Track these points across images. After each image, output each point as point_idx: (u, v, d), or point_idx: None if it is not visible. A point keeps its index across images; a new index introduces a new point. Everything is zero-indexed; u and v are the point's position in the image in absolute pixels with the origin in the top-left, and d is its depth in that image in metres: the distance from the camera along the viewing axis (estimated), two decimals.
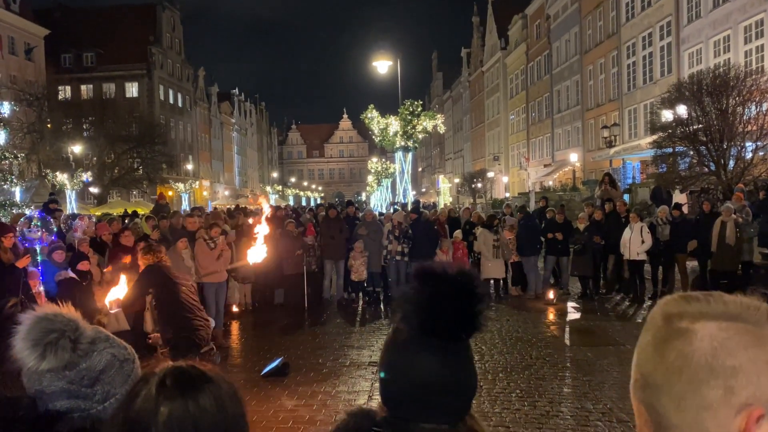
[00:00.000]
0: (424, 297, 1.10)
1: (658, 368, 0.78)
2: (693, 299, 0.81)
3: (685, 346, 0.76)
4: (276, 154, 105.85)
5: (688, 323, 0.77)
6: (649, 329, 0.83)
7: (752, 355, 0.75)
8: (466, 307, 1.09)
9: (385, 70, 22.64)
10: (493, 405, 6.08)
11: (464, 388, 1.12)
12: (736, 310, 0.79)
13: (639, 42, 29.54)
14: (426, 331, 1.09)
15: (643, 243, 11.19)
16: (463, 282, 1.11)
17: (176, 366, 1.06)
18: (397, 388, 1.11)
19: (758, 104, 13.87)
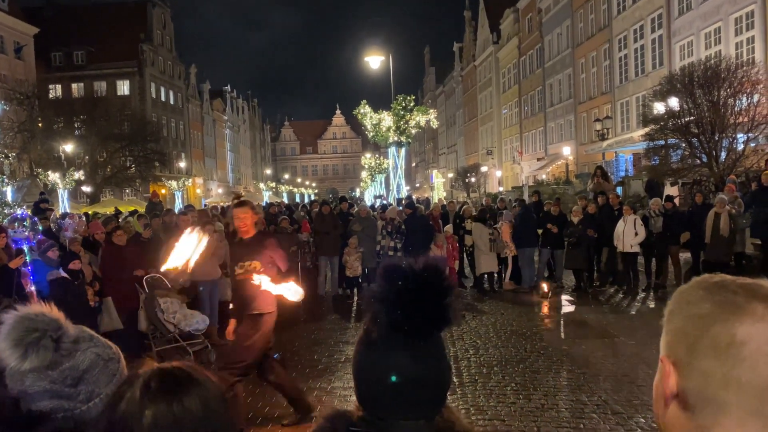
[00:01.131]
0: (390, 295, 1.09)
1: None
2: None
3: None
4: (269, 150, 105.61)
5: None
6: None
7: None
8: (432, 303, 1.09)
9: (377, 66, 22.62)
10: (488, 399, 6.09)
11: (438, 382, 1.11)
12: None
13: (630, 35, 29.58)
14: (394, 328, 1.09)
15: (636, 235, 11.23)
16: (429, 277, 1.10)
17: (162, 368, 1.05)
18: (370, 387, 1.12)
19: (749, 96, 13.92)
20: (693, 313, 0.83)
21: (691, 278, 0.90)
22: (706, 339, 0.80)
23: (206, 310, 8.52)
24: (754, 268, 11.58)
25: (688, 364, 0.82)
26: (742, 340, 0.78)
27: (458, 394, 6.23)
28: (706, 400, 0.80)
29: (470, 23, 59.80)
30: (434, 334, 1.12)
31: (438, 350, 1.13)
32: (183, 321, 7.49)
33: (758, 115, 13.59)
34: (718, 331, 0.79)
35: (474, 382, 6.63)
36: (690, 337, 0.82)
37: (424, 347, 1.10)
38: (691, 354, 0.81)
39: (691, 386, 0.81)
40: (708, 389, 0.80)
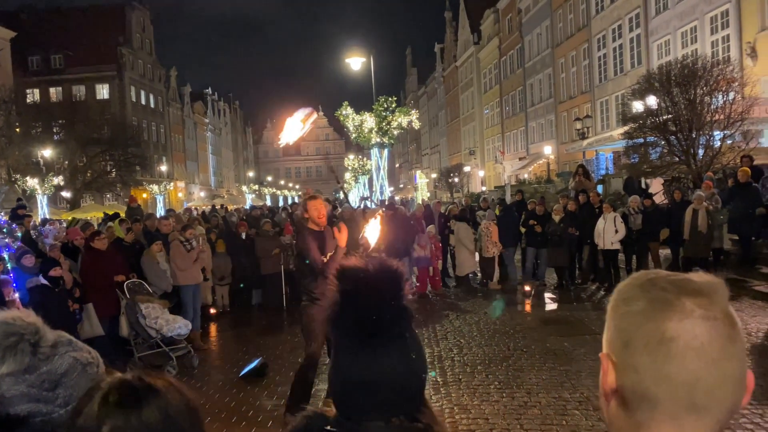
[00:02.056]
0: (342, 297, 1.09)
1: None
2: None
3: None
4: (251, 153, 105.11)
5: (712, 308, 0.81)
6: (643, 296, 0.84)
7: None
8: (385, 304, 1.08)
9: (358, 67, 22.60)
10: (472, 398, 6.13)
11: (405, 382, 1.10)
12: (725, 290, 0.85)
13: (609, 34, 29.90)
14: (349, 331, 1.09)
15: (616, 233, 11.37)
16: (380, 278, 1.10)
17: (122, 379, 1.03)
18: (337, 387, 1.13)
19: (725, 94, 14.14)
20: (628, 311, 0.84)
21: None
22: (639, 336, 0.81)
23: (189, 315, 8.48)
24: (732, 263, 11.78)
25: (624, 361, 0.83)
26: (671, 337, 0.79)
27: (442, 394, 6.27)
28: (641, 396, 0.81)
29: (451, 24, 60.03)
30: (393, 335, 1.10)
31: (402, 351, 1.10)
32: (165, 326, 7.44)
33: (734, 112, 13.79)
34: (649, 328, 0.81)
35: (458, 381, 6.67)
36: (625, 335, 0.83)
37: (384, 348, 1.09)
38: (627, 351, 0.83)
39: (628, 383, 0.82)
40: (642, 386, 0.81)
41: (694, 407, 0.79)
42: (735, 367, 0.79)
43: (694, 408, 0.79)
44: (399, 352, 1.10)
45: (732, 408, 0.80)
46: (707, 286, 0.82)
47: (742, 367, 0.81)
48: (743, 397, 0.82)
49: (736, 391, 0.80)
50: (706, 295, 0.81)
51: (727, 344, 0.79)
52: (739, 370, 0.80)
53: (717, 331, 0.79)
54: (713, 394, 0.78)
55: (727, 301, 0.83)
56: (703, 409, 0.79)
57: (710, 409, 0.79)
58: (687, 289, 0.81)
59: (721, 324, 0.80)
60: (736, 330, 0.81)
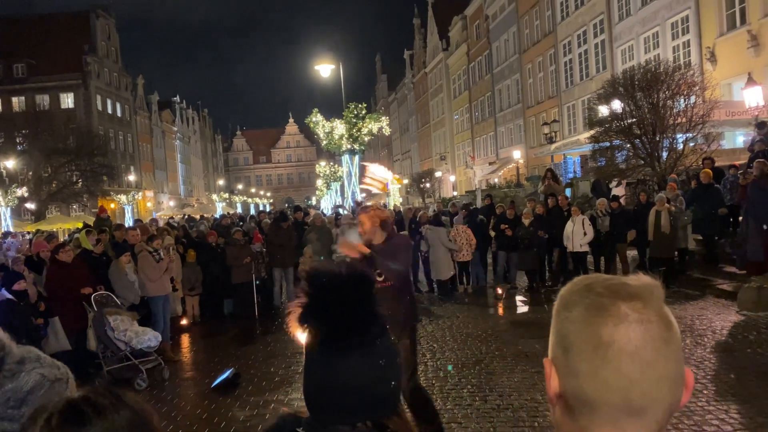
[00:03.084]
0: (311, 301, 1.09)
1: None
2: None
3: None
4: (221, 161, 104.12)
5: (645, 310, 0.82)
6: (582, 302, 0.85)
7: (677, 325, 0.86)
8: (354, 310, 1.07)
9: (328, 74, 22.62)
10: (445, 402, 6.15)
11: (373, 388, 1.09)
12: (660, 293, 0.86)
13: (574, 40, 30.45)
14: (318, 335, 1.08)
15: (585, 235, 11.55)
16: (349, 283, 1.09)
17: (67, 401, 1.00)
18: (309, 391, 1.12)
19: (686, 97, 14.50)
20: (567, 316, 0.85)
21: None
22: (578, 341, 0.82)
23: (159, 327, 8.35)
24: (697, 263, 12.06)
25: (565, 366, 0.84)
26: (606, 342, 0.80)
27: None
28: (582, 401, 0.83)
29: (420, 30, 60.44)
30: (362, 341, 1.09)
31: (371, 358, 1.09)
32: (134, 338, 7.32)
33: (695, 116, 14.14)
34: (586, 333, 0.82)
35: (431, 386, 6.69)
36: (565, 340, 0.84)
37: (353, 354, 1.08)
38: (567, 356, 0.84)
39: (569, 388, 0.84)
40: (582, 391, 0.82)
41: (633, 410, 0.80)
42: (670, 368, 0.80)
43: (632, 411, 0.80)
44: (368, 358, 1.08)
45: (670, 408, 0.82)
46: (642, 290, 0.83)
47: (678, 367, 0.82)
48: (682, 397, 0.83)
49: (673, 392, 0.81)
50: (640, 299, 0.81)
51: (661, 346, 0.80)
52: (674, 370, 0.81)
53: (651, 334, 0.80)
54: (650, 396, 0.79)
55: (663, 303, 0.84)
56: (642, 412, 0.80)
57: (648, 410, 0.80)
58: (622, 294, 0.82)
59: (656, 326, 0.80)
60: (672, 331, 0.82)
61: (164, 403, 6.78)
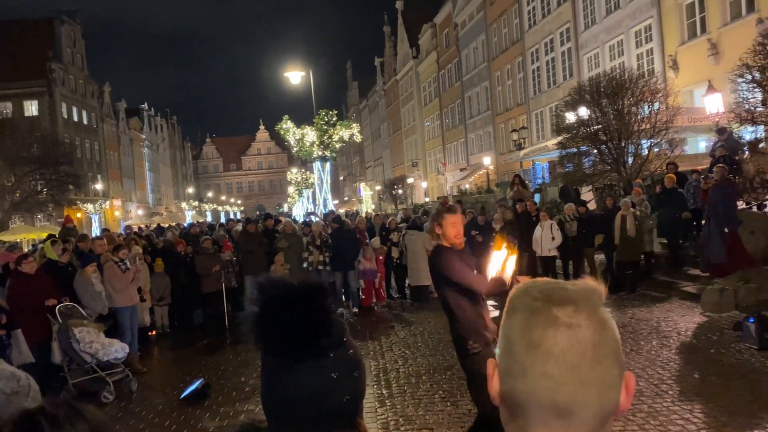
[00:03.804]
0: (257, 314, 1.07)
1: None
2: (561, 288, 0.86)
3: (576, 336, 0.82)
4: (191, 169, 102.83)
5: (576, 314, 0.83)
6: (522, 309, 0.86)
7: (617, 332, 0.86)
8: (303, 320, 1.05)
9: (298, 81, 22.59)
10: (416, 408, 6.17)
11: (324, 401, 1.06)
12: (597, 298, 0.86)
13: (542, 48, 30.92)
14: (269, 345, 1.07)
15: (553, 240, 11.72)
16: (300, 294, 1.07)
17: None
18: (264, 401, 1.12)
19: (650, 104, 14.83)
20: (508, 319, 0.87)
21: (606, 278, 0.95)
22: (513, 344, 0.84)
23: (126, 338, 8.21)
24: (662, 266, 12.32)
25: (504, 367, 0.86)
26: (535, 344, 0.82)
27: (388, 405, 6.29)
28: (515, 401, 0.84)
29: (390, 38, 60.72)
30: (314, 353, 1.06)
31: (322, 371, 1.06)
32: (101, 350, 7.18)
33: (659, 122, 14.47)
34: (520, 335, 0.84)
35: (403, 392, 6.70)
36: (505, 342, 0.86)
37: (303, 366, 1.06)
38: (506, 358, 0.86)
39: (506, 389, 0.85)
40: (515, 392, 0.84)
41: (560, 412, 0.81)
42: (598, 372, 0.81)
43: (560, 413, 0.81)
44: (318, 371, 1.06)
45: (602, 412, 0.82)
46: (576, 294, 0.84)
47: (609, 371, 0.82)
48: (617, 401, 0.83)
49: (603, 396, 0.81)
50: (572, 303, 0.83)
51: (588, 350, 0.81)
52: (604, 374, 0.81)
53: (578, 338, 0.81)
54: (575, 398, 0.80)
55: (599, 308, 0.84)
56: (569, 414, 0.81)
57: (576, 413, 0.81)
58: (555, 298, 0.84)
59: (585, 330, 0.81)
60: (604, 336, 0.82)
61: (132, 416, 6.66)
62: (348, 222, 12.78)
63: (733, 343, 7.45)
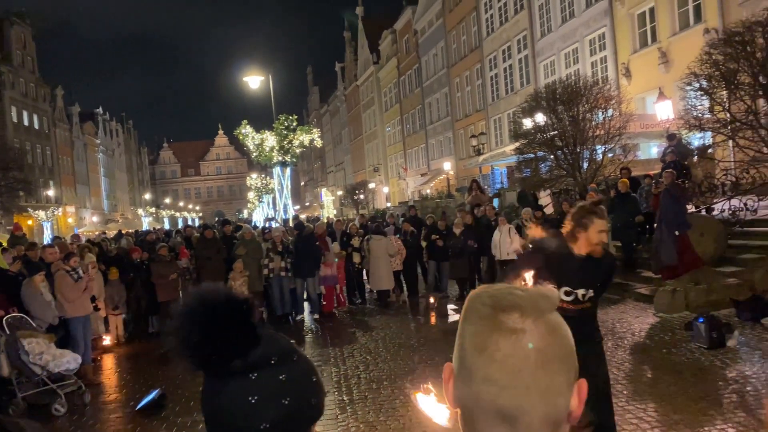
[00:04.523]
0: (177, 327, 1.01)
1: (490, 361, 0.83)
2: (508, 293, 0.86)
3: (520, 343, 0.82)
4: (148, 174, 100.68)
5: (521, 320, 0.83)
6: (475, 318, 0.86)
7: (570, 338, 0.86)
8: (215, 337, 0.99)
9: (257, 85, 22.37)
10: (378, 414, 6.16)
11: (240, 425, 1.01)
12: (546, 304, 0.86)
13: (500, 55, 31.42)
14: (190, 363, 1.02)
15: (511, 243, 11.88)
16: (213, 310, 1.01)
17: None
18: (204, 416, 1.09)
19: (604, 111, 15.21)
20: (462, 324, 0.88)
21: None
22: (465, 349, 0.85)
23: (78, 349, 7.97)
24: (617, 268, 12.61)
25: (456, 372, 0.86)
26: (480, 349, 0.82)
27: (348, 412, 6.26)
28: (464, 407, 0.85)
29: (350, 44, 60.80)
30: (233, 372, 1.01)
31: (239, 391, 1.01)
32: (51, 362, 6.95)
33: (612, 128, 14.84)
34: (468, 340, 0.84)
35: (364, 398, 6.69)
36: (457, 347, 0.87)
37: (221, 384, 1.02)
38: (457, 363, 0.86)
39: (457, 394, 0.86)
40: (463, 395, 0.85)
41: (504, 417, 0.81)
42: (541, 378, 0.81)
43: (504, 418, 0.81)
44: (235, 392, 1.01)
45: (548, 419, 0.82)
46: (523, 299, 0.84)
47: (555, 377, 0.82)
48: (565, 407, 0.83)
49: (548, 402, 0.81)
50: (518, 308, 0.83)
51: (532, 355, 0.81)
52: (547, 380, 0.81)
53: (521, 343, 0.81)
54: (519, 405, 0.80)
55: (547, 314, 0.84)
56: (513, 420, 0.81)
57: (520, 419, 0.81)
58: (501, 304, 0.84)
59: (529, 336, 0.81)
60: (548, 341, 0.82)
61: (85, 429, 6.47)
62: (310, 227, 12.72)
63: (684, 343, 7.68)
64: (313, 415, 1.08)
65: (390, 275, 12.59)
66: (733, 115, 9.17)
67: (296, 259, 11.60)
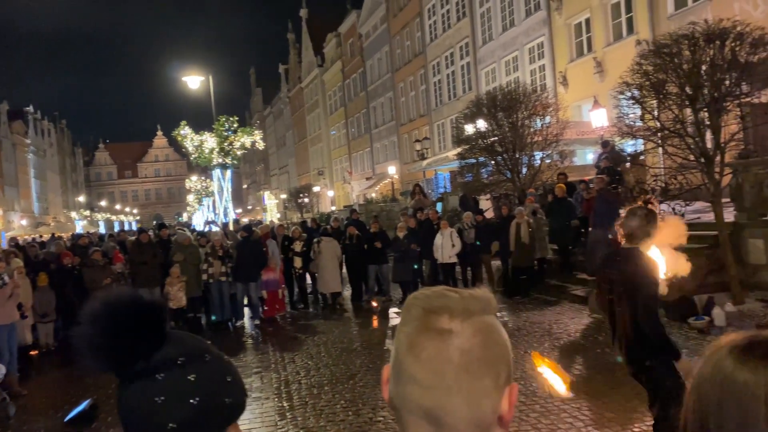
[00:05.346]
0: (82, 330, 1.02)
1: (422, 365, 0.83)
2: (441, 295, 0.87)
3: (448, 345, 0.82)
4: (82, 176, 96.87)
5: (449, 322, 0.83)
6: (409, 321, 0.86)
7: (502, 341, 0.86)
8: (118, 336, 1.00)
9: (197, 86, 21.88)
10: (318, 419, 6.11)
11: (145, 425, 1.00)
12: (477, 306, 0.86)
13: (443, 61, 31.86)
14: (96, 365, 1.01)
15: (453, 247, 12.06)
16: (110, 314, 1.01)
17: None
18: (120, 418, 1.07)
19: (542, 118, 15.63)
20: (399, 326, 0.88)
21: (503, 283, 0.95)
22: (398, 350, 0.86)
23: (3, 358, 7.57)
24: (554, 271, 12.98)
25: (390, 373, 0.87)
26: (407, 350, 0.83)
27: (288, 418, 6.19)
28: (394, 406, 0.86)
29: (294, 46, 60.35)
30: (139, 373, 1.00)
31: (144, 393, 1.00)
32: None
33: (550, 134, 15.26)
34: (402, 342, 0.85)
35: (304, 404, 6.62)
36: (393, 348, 0.88)
37: (128, 385, 1.02)
38: (392, 364, 0.87)
39: (390, 395, 0.87)
40: (394, 395, 0.85)
41: (430, 418, 0.81)
42: (464, 379, 0.81)
43: (430, 419, 0.81)
44: (142, 392, 1.00)
45: (474, 421, 0.81)
46: (455, 302, 0.84)
47: (480, 380, 0.82)
48: (493, 410, 0.83)
49: (472, 404, 0.81)
50: (448, 311, 0.83)
51: (457, 357, 0.81)
52: (471, 382, 0.81)
53: (447, 345, 0.81)
54: (442, 405, 0.81)
55: (474, 315, 0.85)
56: (438, 421, 0.81)
57: (444, 420, 0.81)
58: (433, 306, 0.84)
59: (457, 339, 0.81)
60: (474, 343, 0.82)
61: None
62: (257, 232, 12.54)
63: None
64: (229, 415, 1.06)
65: (338, 278, 12.57)
66: (662, 123, 9.55)
67: (239, 263, 11.40)
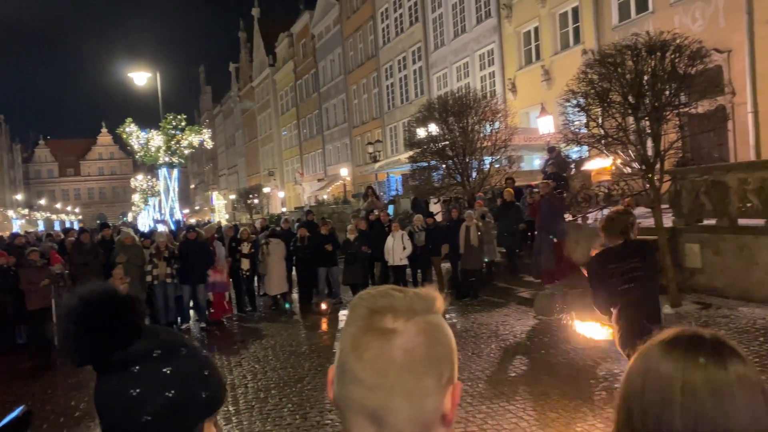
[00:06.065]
0: (60, 323, 1.05)
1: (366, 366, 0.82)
2: (387, 295, 0.87)
3: (392, 344, 0.82)
4: (20, 173, 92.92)
5: (393, 322, 0.83)
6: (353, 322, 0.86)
7: (446, 341, 0.86)
8: (99, 331, 1.01)
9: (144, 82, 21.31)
10: (264, 423, 6.03)
11: (120, 416, 1.01)
12: (421, 305, 0.86)
13: (395, 65, 32.04)
14: (72, 358, 1.03)
15: (404, 249, 12.12)
16: (84, 305, 1.03)
17: None
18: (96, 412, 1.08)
19: (491, 123, 15.89)
20: (344, 326, 0.88)
21: (452, 285, 0.94)
22: (342, 350, 0.85)
23: None
24: (502, 273, 13.22)
25: (335, 373, 0.87)
26: (351, 350, 0.83)
27: (234, 422, 6.08)
28: (338, 406, 0.86)
29: (246, 45, 59.57)
30: (114, 365, 1.02)
31: (120, 384, 1.01)
32: None
33: (498, 140, 15.53)
34: (346, 342, 0.85)
35: (250, 408, 6.52)
36: (338, 348, 0.87)
37: (103, 376, 1.03)
38: (336, 364, 0.87)
39: (335, 395, 0.86)
40: (337, 395, 0.85)
41: (372, 418, 0.81)
42: (407, 379, 0.80)
43: (372, 419, 0.81)
44: (118, 384, 1.02)
45: (417, 420, 0.81)
46: (399, 302, 0.85)
47: (422, 379, 0.81)
48: (436, 409, 0.83)
49: (414, 404, 0.81)
50: (392, 311, 0.83)
51: (399, 357, 0.81)
52: (413, 382, 0.81)
53: (389, 344, 0.81)
54: (384, 405, 0.80)
55: (418, 315, 0.84)
56: (381, 420, 0.81)
57: (387, 420, 0.81)
58: (377, 305, 0.84)
59: (400, 338, 0.81)
60: (417, 343, 0.82)
61: None
62: (202, 233, 12.28)
63: (561, 344, 8.13)
64: (205, 409, 1.06)
65: (284, 279, 12.50)
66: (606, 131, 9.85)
67: (184, 265, 11.14)
